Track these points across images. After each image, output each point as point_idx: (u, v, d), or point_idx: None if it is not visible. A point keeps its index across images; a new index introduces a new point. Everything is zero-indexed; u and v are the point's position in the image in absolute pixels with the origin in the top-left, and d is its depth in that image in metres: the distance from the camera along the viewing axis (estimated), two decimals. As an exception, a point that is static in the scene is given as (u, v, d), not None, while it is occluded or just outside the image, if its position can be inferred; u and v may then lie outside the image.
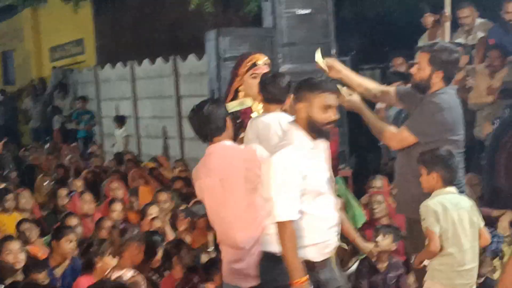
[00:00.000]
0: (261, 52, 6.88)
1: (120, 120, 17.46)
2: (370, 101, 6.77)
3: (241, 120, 6.42)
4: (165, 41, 18.53)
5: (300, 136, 5.21)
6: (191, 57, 15.12)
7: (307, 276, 5.02)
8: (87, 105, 19.63)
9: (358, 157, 11.28)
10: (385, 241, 7.58)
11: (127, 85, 18.05)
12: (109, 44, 20.65)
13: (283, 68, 10.21)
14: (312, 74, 6.39)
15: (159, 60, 16.67)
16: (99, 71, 19.73)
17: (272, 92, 6.02)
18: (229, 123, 5.70)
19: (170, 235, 8.67)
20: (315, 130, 5.16)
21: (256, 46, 9.25)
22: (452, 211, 5.98)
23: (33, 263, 7.48)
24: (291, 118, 5.88)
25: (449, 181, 6.06)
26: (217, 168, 5.64)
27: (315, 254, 5.21)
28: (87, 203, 9.77)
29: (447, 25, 10.36)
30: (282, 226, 5.07)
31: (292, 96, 5.42)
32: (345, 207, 8.80)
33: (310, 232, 5.17)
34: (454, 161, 6.09)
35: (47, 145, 16.97)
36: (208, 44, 10.38)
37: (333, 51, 10.43)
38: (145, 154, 16.85)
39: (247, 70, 6.47)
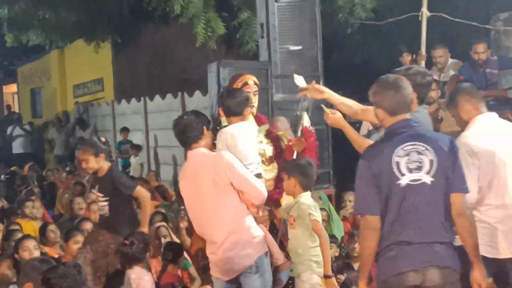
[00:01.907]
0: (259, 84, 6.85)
1: (136, 149, 17.40)
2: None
3: None
4: (175, 80, 18.61)
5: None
6: (197, 93, 15.18)
7: None
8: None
9: (340, 178, 11.20)
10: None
11: (140, 118, 18.07)
12: (126, 82, 20.72)
13: (276, 97, 10.22)
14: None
15: (169, 96, 16.71)
16: (116, 106, 19.75)
17: (230, 106, 6.08)
18: (206, 133, 5.80)
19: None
20: None
21: (253, 77, 9.22)
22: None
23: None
24: (251, 126, 6.17)
25: (306, 187, 6.16)
26: (191, 172, 5.77)
27: (484, 249, 4.99)
28: (96, 212, 9.64)
29: (423, 63, 10.36)
30: None
31: None
32: (328, 219, 8.78)
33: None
34: (312, 170, 6.19)
35: (67, 168, 16.86)
36: (210, 75, 10.36)
37: (321, 83, 10.36)
38: (155, 179, 16.75)
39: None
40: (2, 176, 16.88)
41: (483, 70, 10.49)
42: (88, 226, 8.84)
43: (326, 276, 5.88)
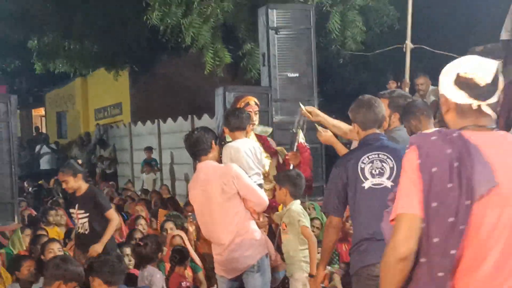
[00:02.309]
0: (259, 105, 6.96)
1: (149, 167, 17.47)
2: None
3: None
4: (185, 104, 18.73)
5: None
6: (205, 116, 15.27)
7: None
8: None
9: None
10: None
11: (154, 138, 18.17)
12: (141, 106, 20.85)
13: (276, 118, 10.29)
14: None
15: (180, 119, 16.83)
16: (133, 127, 19.86)
17: (234, 122, 6.20)
18: (214, 146, 5.82)
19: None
20: None
21: (255, 100, 9.33)
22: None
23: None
24: (253, 142, 6.22)
25: (295, 196, 6.27)
26: (201, 182, 5.78)
27: None
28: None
29: (407, 90, 10.42)
30: None
31: None
32: (321, 227, 8.84)
33: None
34: (301, 181, 6.30)
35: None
36: (217, 98, 10.44)
37: (316, 107, 10.46)
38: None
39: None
40: (30, 189, 17.11)
41: (461, 96, 10.58)
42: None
43: (311, 276, 5.94)
